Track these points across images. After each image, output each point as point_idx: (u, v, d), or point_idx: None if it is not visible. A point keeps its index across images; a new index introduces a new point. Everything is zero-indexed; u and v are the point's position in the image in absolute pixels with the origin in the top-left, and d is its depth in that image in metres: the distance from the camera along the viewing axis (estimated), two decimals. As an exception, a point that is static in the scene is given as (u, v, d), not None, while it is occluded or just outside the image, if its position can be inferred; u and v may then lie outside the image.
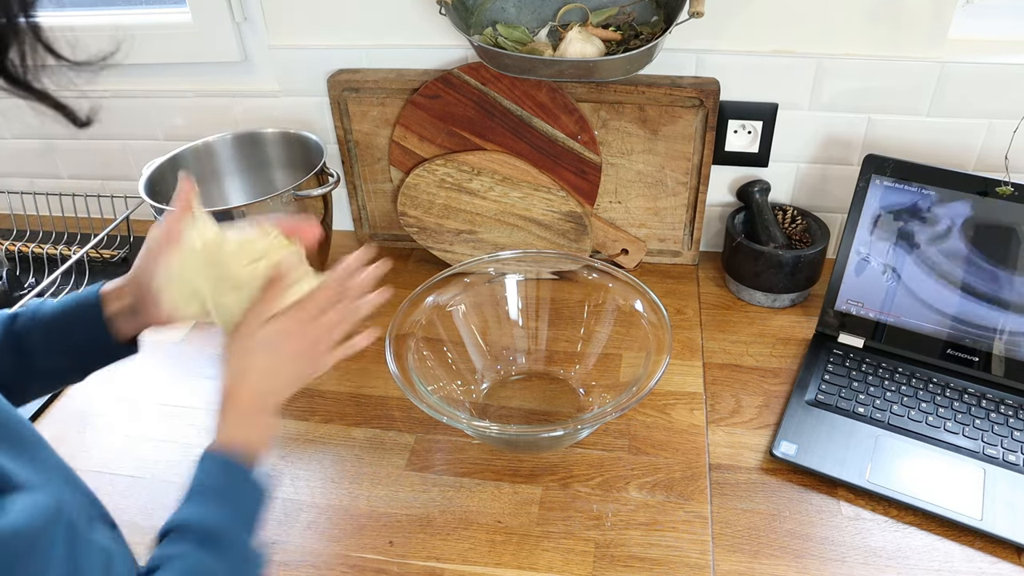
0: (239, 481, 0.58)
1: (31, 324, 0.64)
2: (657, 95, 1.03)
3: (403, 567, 0.75)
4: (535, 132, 1.07)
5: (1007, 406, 0.87)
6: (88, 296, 0.66)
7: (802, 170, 1.11)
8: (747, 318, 1.06)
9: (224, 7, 1.12)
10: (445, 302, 0.93)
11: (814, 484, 0.82)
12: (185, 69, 1.20)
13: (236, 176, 1.16)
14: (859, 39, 0.99)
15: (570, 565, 0.75)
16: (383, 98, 1.10)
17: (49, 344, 0.64)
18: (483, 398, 0.93)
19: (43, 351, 0.64)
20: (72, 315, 0.65)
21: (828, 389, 0.91)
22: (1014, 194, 0.86)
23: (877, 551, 0.75)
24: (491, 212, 1.11)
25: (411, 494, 0.83)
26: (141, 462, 0.89)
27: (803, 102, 1.04)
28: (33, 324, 0.64)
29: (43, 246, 1.27)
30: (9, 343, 0.64)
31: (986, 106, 1.00)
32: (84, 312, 0.65)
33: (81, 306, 0.65)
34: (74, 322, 0.65)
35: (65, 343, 0.65)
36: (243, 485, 0.58)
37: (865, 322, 0.97)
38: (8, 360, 0.64)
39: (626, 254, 1.14)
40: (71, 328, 0.65)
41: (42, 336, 0.64)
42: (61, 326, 0.65)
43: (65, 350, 0.65)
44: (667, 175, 1.09)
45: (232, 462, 0.57)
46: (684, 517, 0.79)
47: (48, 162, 1.34)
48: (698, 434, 0.88)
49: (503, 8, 1.03)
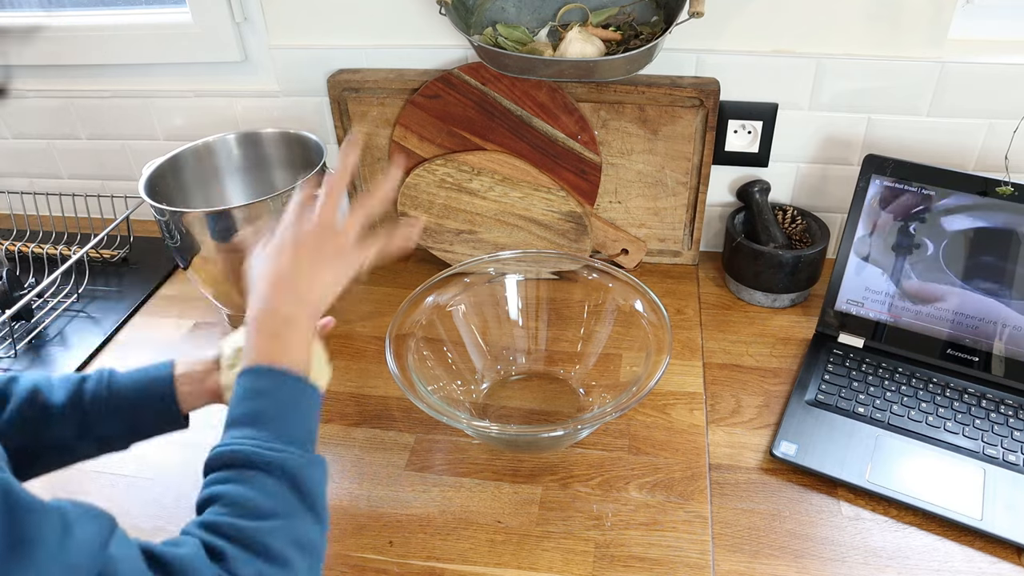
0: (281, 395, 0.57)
1: (102, 393, 0.65)
2: (657, 95, 1.03)
3: (403, 567, 0.75)
4: (535, 132, 1.07)
5: (1007, 406, 0.87)
6: (162, 374, 0.66)
7: (802, 170, 1.11)
8: (747, 318, 1.06)
9: (224, 7, 1.12)
10: (445, 302, 0.93)
11: (814, 484, 0.82)
12: (185, 69, 1.20)
13: (236, 176, 1.16)
14: (859, 39, 0.99)
15: (570, 565, 0.75)
16: (383, 98, 1.10)
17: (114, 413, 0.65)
18: (483, 398, 0.93)
19: (107, 421, 0.65)
20: (143, 391, 0.65)
21: (828, 389, 0.91)
22: (1014, 194, 0.86)
23: (877, 551, 0.75)
24: (491, 212, 1.11)
25: (411, 494, 0.83)
26: (141, 462, 0.89)
27: (803, 102, 1.05)
28: (104, 394, 0.65)
29: (43, 246, 1.27)
30: (76, 407, 0.64)
31: (986, 106, 1.00)
32: (159, 391, 0.66)
33: (156, 383, 0.66)
34: (146, 399, 0.66)
35: (130, 415, 0.65)
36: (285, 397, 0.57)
37: (865, 322, 0.97)
38: (72, 425, 0.64)
39: (626, 254, 1.14)
40: (141, 404, 0.65)
41: (109, 407, 0.65)
42: (131, 400, 0.65)
43: (129, 422, 0.66)
44: (667, 175, 1.09)
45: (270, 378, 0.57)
46: (684, 517, 0.79)
47: (48, 162, 1.34)
48: (698, 434, 0.88)
49: (503, 8, 1.03)
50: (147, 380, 0.66)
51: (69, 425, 0.64)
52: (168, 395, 0.66)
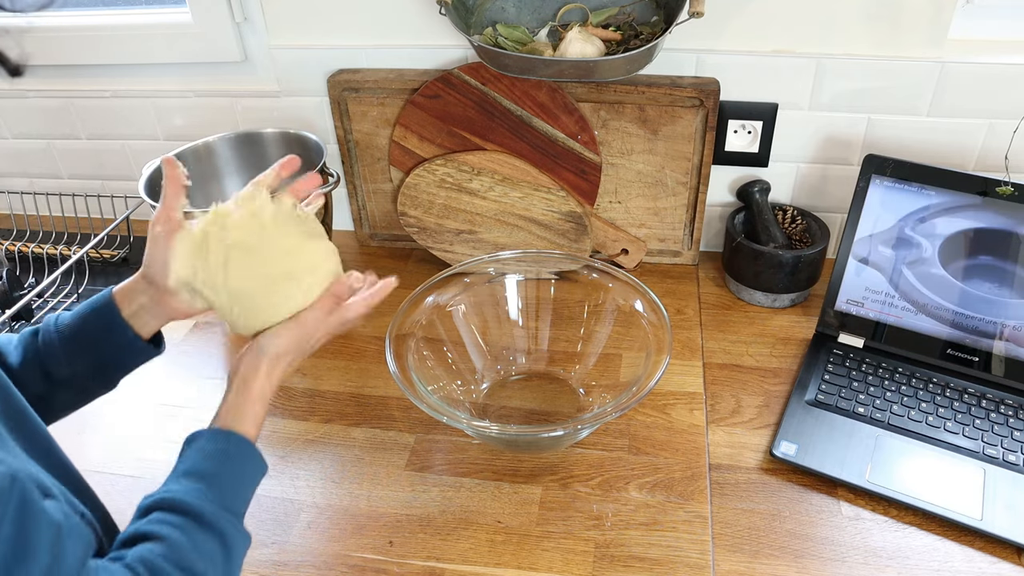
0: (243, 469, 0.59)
1: (52, 336, 0.64)
2: (657, 95, 1.03)
3: (403, 567, 0.75)
4: (535, 132, 1.07)
5: (1007, 406, 0.87)
6: (101, 300, 0.66)
7: (802, 170, 1.11)
8: (747, 318, 1.06)
9: (224, 7, 1.12)
10: (445, 302, 0.93)
11: (814, 484, 0.82)
12: (185, 69, 1.20)
13: (236, 176, 1.16)
14: (859, 39, 0.99)
15: (570, 565, 0.75)
16: (383, 98, 1.10)
17: (71, 353, 0.64)
18: (483, 398, 0.93)
19: (67, 361, 0.64)
20: (90, 321, 0.65)
21: (828, 389, 0.91)
22: (1014, 194, 0.86)
23: (877, 551, 0.75)
24: (491, 212, 1.11)
25: (411, 494, 0.83)
26: (141, 462, 0.89)
27: (803, 102, 1.05)
28: (54, 336, 0.64)
29: (43, 246, 1.27)
30: (34, 359, 0.64)
31: (986, 106, 1.00)
32: (101, 316, 0.65)
33: (97, 311, 0.65)
34: (93, 328, 0.65)
35: (88, 350, 0.65)
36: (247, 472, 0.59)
37: (865, 322, 0.97)
38: (36, 376, 0.64)
39: (626, 254, 1.14)
40: (91, 334, 0.65)
41: (64, 346, 0.64)
42: (81, 334, 0.65)
43: (89, 357, 0.65)
44: (667, 175, 1.09)
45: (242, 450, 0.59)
46: (684, 517, 0.79)
47: (48, 162, 1.34)
48: (698, 434, 0.88)
49: (503, 8, 1.03)
50: (89, 309, 0.65)
51: (35, 379, 0.64)
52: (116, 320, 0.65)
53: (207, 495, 0.55)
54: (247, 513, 0.59)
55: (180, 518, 0.53)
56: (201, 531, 0.53)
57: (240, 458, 0.59)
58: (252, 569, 0.76)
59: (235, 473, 0.58)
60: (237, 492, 0.58)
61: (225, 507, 0.56)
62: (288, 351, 0.63)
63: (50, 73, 1.24)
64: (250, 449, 0.60)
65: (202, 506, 0.54)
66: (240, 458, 0.59)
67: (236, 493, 0.58)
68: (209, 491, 0.55)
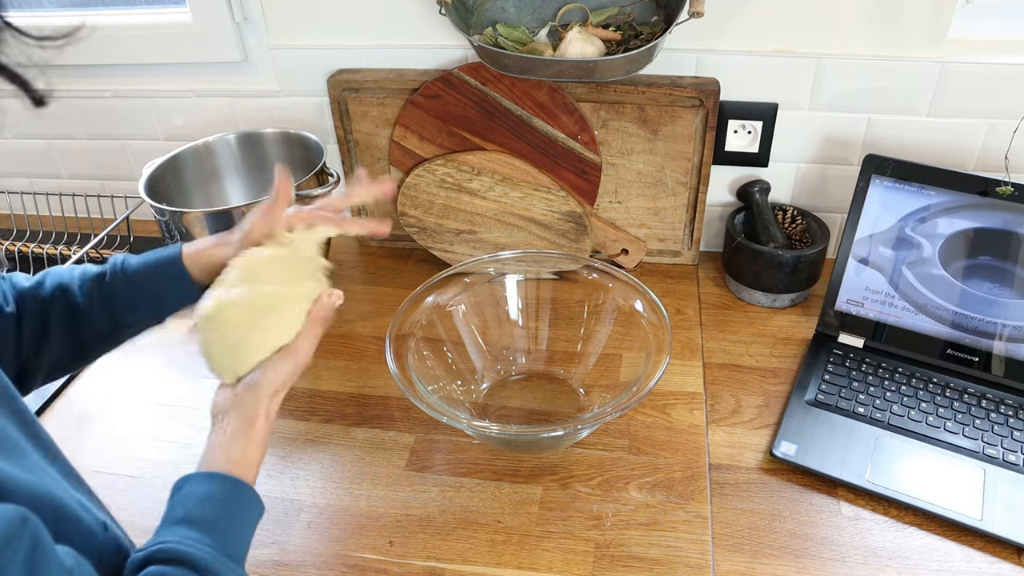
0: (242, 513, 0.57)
1: (120, 282, 0.68)
2: (657, 95, 1.03)
3: (403, 567, 0.75)
4: (535, 132, 1.07)
5: (1007, 406, 0.87)
6: (170, 255, 0.69)
7: (802, 170, 1.11)
8: (747, 318, 1.06)
9: (224, 7, 1.12)
10: (445, 302, 0.93)
11: (814, 484, 0.82)
12: (185, 69, 1.20)
13: (236, 176, 1.16)
14: (859, 39, 0.99)
15: (570, 565, 0.75)
16: (383, 98, 1.10)
17: (137, 299, 0.68)
18: (483, 398, 0.93)
19: (131, 307, 0.68)
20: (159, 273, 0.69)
21: (828, 389, 0.91)
22: (1014, 194, 0.86)
23: (877, 551, 0.75)
24: (491, 212, 1.11)
25: (411, 494, 0.83)
26: (141, 462, 0.89)
27: (803, 102, 1.05)
28: (122, 282, 0.68)
29: (43, 246, 1.27)
30: (100, 301, 0.67)
31: (986, 106, 1.00)
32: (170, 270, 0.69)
33: (167, 264, 0.69)
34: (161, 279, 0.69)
35: (153, 298, 0.69)
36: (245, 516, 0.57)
37: (865, 322, 0.97)
38: (102, 317, 0.68)
39: (626, 254, 1.14)
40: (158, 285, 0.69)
41: (131, 292, 0.68)
42: (148, 283, 0.68)
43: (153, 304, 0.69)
44: (667, 175, 1.09)
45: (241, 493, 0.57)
46: (684, 517, 0.79)
47: (48, 162, 1.34)
48: (698, 434, 0.88)
49: (503, 8, 1.03)
50: (158, 264, 0.69)
51: (100, 319, 0.68)
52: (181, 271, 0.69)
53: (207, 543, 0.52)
54: None
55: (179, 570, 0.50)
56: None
57: (241, 504, 0.57)
58: (252, 569, 0.76)
59: (236, 519, 0.56)
60: (239, 538, 0.56)
61: (227, 554, 0.53)
62: (285, 385, 0.62)
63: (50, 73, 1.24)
64: (251, 495, 0.58)
65: (201, 556, 0.51)
66: (241, 504, 0.57)
67: (238, 539, 0.56)
68: (208, 539, 0.53)
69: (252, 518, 0.59)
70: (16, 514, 0.41)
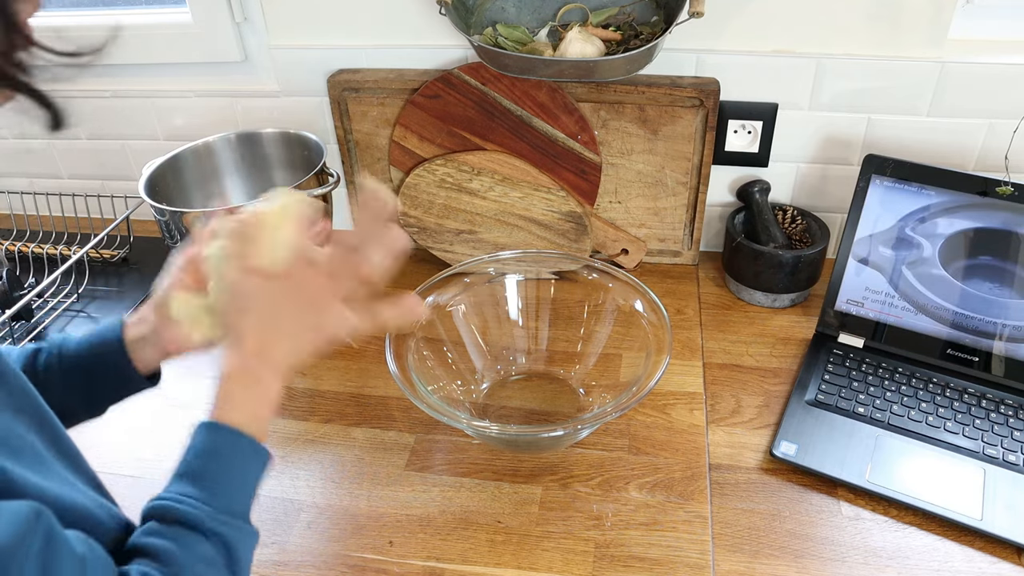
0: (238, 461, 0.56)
1: (54, 364, 0.63)
2: (657, 95, 1.03)
3: (403, 567, 0.75)
4: (535, 132, 1.07)
5: (1007, 406, 0.87)
6: (110, 332, 0.64)
7: (802, 170, 1.11)
8: (747, 318, 1.06)
9: (224, 7, 1.12)
10: (445, 302, 0.93)
11: (814, 484, 0.82)
12: (185, 69, 1.20)
13: (236, 176, 1.16)
14: (859, 39, 0.99)
15: (570, 565, 0.75)
16: (383, 98, 1.10)
17: (69, 384, 0.63)
18: (483, 398, 0.93)
19: (62, 390, 0.63)
20: (95, 354, 0.64)
21: (828, 389, 0.91)
22: (1014, 194, 0.86)
23: (877, 551, 0.75)
24: (491, 212, 1.11)
25: (411, 494, 0.83)
26: (141, 462, 0.89)
27: (803, 102, 1.05)
28: (55, 364, 0.63)
29: (43, 246, 1.27)
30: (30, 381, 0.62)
31: (986, 106, 1.00)
32: (107, 350, 0.64)
33: (103, 344, 0.64)
34: (97, 361, 0.64)
35: (86, 382, 0.63)
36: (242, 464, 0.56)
37: (865, 322, 0.97)
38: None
39: (626, 254, 1.14)
40: (94, 363, 0.64)
41: (63, 376, 0.63)
42: (83, 365, 0.63)
43: (85, 389, 0.64)
44: (667, 175, 1.09)
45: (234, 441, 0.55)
46: (684, 517, 0.79)
47: (48, 162, 1.34)
48: (698, 434, 0.88)
49: (503, 8, 1.03)
50: (97, 338, 0.64)
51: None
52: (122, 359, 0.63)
53: (199, 497, 0.52)
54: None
55: (171, 528, 0.51)
56: (195, 537, 0.51)
57: (230, 452, 0.55)
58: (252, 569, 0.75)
59: (227, 469, 0.55)
60: (233, 489, 0.55)
61: (220, 507, 0.53)
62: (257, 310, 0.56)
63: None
64: (240, 440, 0.55)
65: (193, 512, 0.51)
66: (230, 452, 0.55)
67: (232, 490, 0.55)
68: (201, 492, 0.53)
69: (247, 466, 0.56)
70: (29, 509, 0.42)
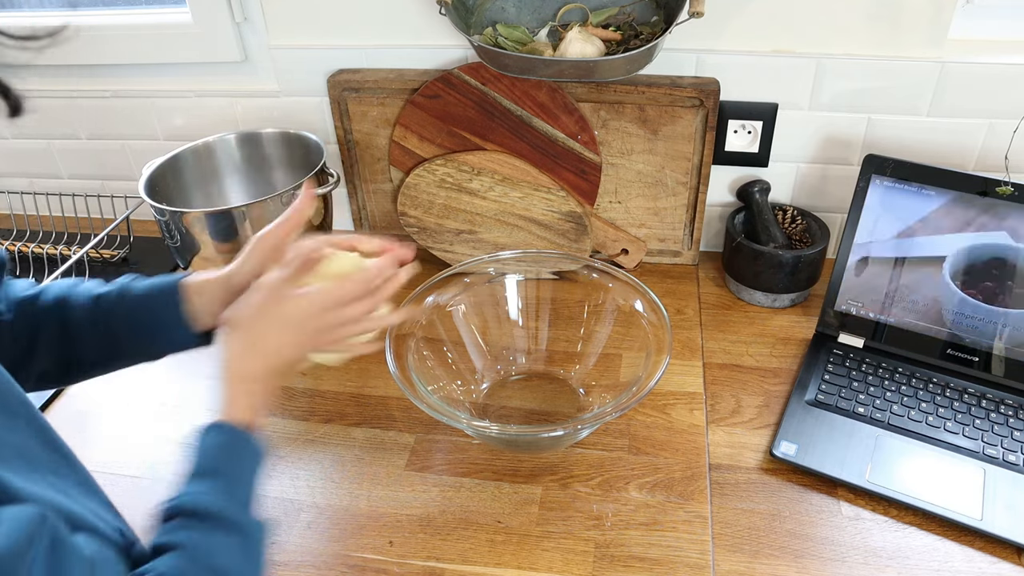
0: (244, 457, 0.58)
1: (116, 307, 0.66)
2: (657, 95, 1.03)
3: (403, 567, 0.75)
4: (535, 132, 1.07)
5: (1007, 406, 0.87)
6: (169, 288, 0.67)
7: (802, 170, 1.11)
8: (747, 318, 1.06)
9: (224, 7, 1.12)
10: (445, 302, 0.93)
11: (814, 484, 0.82)
12: (185, 69, 1.20)
13: (236, 176, 1.16)
14: (859, 39, 0.99)
15: (570, 565, 0.75)
16: (383, 98, 1.10)
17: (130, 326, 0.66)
18: (483, 398, 0.93)
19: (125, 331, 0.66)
20: (155, 304, 0.66)
21: (828, 389, 0.91)
22: (1014, 194, 0.86)
23: (877, 551, 0.75)
24: (491, 212, 1.11)
25: (411, 494, 0.83)
26: (141, 462, 0.89)
27: (803, 102, 1.05)
28: (118, 307, 0.66)
29: (43, 246, 1.27)
30: (94, 318, 0.66)
31: (986, 106, 1.00)
32: (166, 302, 0.66)
33: (164, 295, 0.67)
34: (155, 305, 0.66)
35: (144, 325, 0.67)
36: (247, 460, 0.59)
37: (865, 322, 0.97)
38: (94, 335, 0.66)
39: (626, 254, 1.14)
40: (151, 311, 0.66)
41: (124, 317, 0.66)
42: (143, 309, 0.66)
43: (143, 331, 0.67)
44: (667, 175, 1.09)
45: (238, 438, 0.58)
46: (684, 517, 0.79)
47: (48, 162, 1.34)
48: (698, 434, 0.88)
49: (503, 8, 1.03)
50: (157, 291, 0.67)
51: (93, 342, 0.66)
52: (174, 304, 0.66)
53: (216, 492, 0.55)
54: None
55: (192, 520, 0.53)
56: (216, 529, 0.53)
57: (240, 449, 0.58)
58: (252, 569, 0.76)
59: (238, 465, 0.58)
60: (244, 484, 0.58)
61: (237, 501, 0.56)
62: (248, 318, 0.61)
63: (50, 73, 1.24)
64: (246, 438, 0.59)
65: (213, 506, 0.54)
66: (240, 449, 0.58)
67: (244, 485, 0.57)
68: (217, 488, 0.55)
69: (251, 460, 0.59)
70: (34, 513, 0.42)
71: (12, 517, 0.41)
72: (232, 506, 0.55)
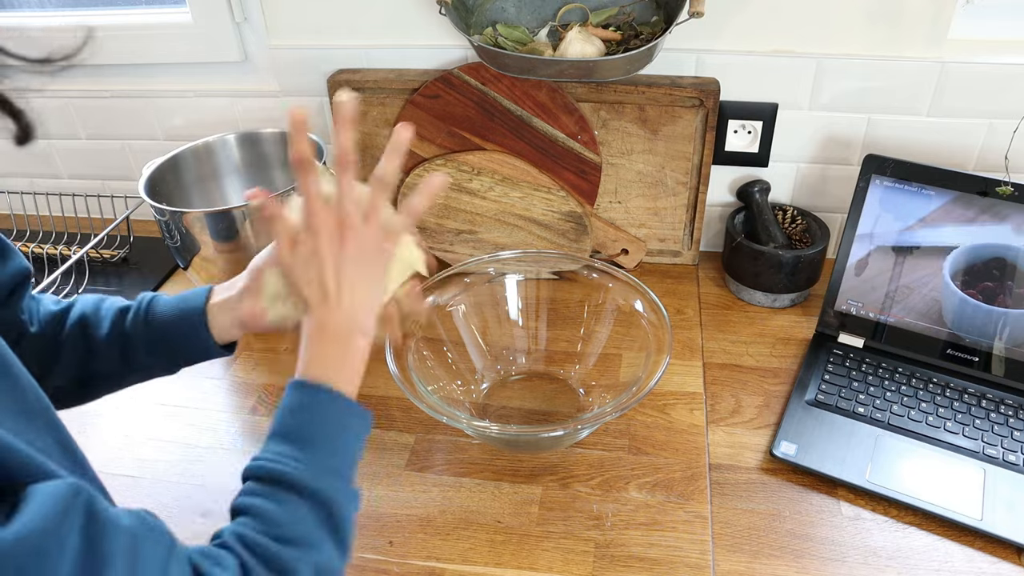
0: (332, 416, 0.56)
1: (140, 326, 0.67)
2: (657, 95, 1.03)
3: (403, 567, 0.75)
4: (535, 132, 1.07)
5: (1007, 406, 0.87)
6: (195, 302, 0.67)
7: (802, 170, 1.11)
8: (747, 318, 1.06)
9: (224, 7, 1.12)
10: (445, 302, 0.93)
11: (814, 484, 0.82)
12: (185, 69, 1.20)
13: (236, 176, 1.16)
14: (859, 39, 0.99)
15: (570, 565, 0.75)
16: (383, 98, 1.10)
17: (152, 345, 0.67)
18: (483, 398, 0.93)
19: (146, 352, 0.67)
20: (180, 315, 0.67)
21: (828, 389, 0.91)
22: (1014, 194, 0.86)
23: (877, 551, 0.75)
24: (491, 212, 1.11)
25: (411, 494, 0.83)
26: (141, 462, 0.89)
27: (803, 102, 1.05)
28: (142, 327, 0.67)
29: (43, 246, 1.27)
30: (118, 339, 0.66)
31: (986, 106, 1.00)
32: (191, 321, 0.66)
33: (189, 305, 0.67)
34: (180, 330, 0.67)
35: (168, 347, 0.67)
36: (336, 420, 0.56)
37: (865, 322, 0.97)
38: (115, 356, 0.67)
39: (626, 254, 1.14)
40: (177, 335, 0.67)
41: (148, 338, 0.67)
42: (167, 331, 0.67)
43: (167, 352, 0.68)
44: (667, 175, 1.09)
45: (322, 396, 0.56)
46: (684, 517, 0.79)
47: (48, 162, 1.34)
48: (698, 434, 0.88)
49: (503, 8, 1.03)
50: (182, 309, 0.67)
51: (113, 359, 0.67)
52: (201, 326, 0.66)
53: (293, 455, 0.52)
54: None
55: (267, 487, 0.51)
56: (292, 495, 0.51)
57: (323, 409, 0.56)
58: (252, 569, 0.76)
59: (321, 426, 0.55)
60: (329, 446, 0.55)
61: (317, 465, 0.53)
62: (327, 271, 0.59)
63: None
64: (330, 396, 0.56)
65: (289, 470, 0.51)
66: (323, 409, 0.56)
67: (328, 447, 0.54)
68: (295, 450, 0.53)
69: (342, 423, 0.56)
70: (67, 486, 0.41)
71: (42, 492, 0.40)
72: (314, 473, 0.52)
